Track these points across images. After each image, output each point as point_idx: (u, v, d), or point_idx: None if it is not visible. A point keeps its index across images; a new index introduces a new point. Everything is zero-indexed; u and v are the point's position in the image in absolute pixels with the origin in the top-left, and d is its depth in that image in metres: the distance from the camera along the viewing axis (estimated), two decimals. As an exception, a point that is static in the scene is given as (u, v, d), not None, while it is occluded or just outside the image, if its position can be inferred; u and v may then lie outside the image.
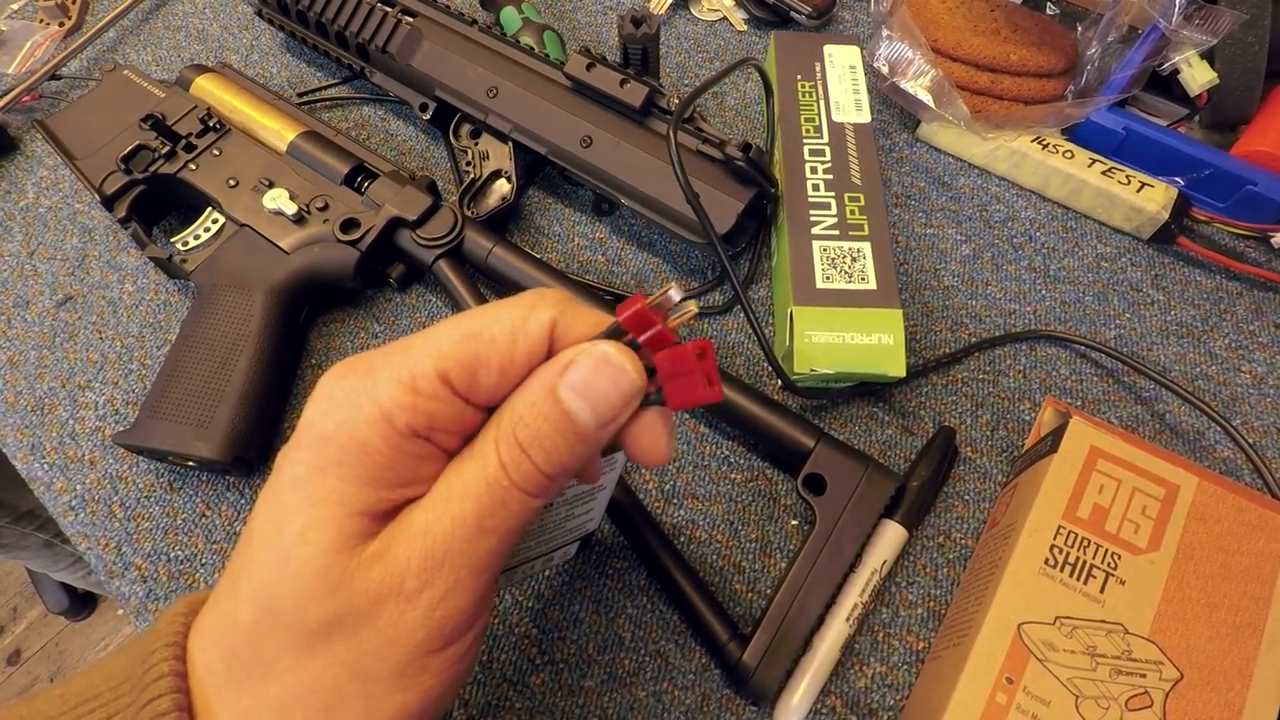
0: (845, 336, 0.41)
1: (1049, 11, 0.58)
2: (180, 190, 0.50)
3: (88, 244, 0.53)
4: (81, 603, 1.54)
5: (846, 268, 0.44)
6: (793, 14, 0.59)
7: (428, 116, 0.53)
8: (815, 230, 0.45)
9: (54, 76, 0.60)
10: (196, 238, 0.48)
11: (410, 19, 0.54)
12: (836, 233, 0.45)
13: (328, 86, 0.60)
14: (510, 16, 0.57)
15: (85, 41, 0.60)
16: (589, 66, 0.48)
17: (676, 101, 0.47)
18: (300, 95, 0.59)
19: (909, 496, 0.40)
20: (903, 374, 0.40)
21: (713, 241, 0.44)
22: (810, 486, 0.39)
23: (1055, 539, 0.32)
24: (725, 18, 0.62)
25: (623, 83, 0.47)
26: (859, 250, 0.44)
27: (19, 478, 0.93)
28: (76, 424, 0.46)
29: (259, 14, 0.60)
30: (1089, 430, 0.35)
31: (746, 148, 0.44)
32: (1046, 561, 0.32)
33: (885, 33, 0.47)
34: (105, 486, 0.44)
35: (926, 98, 0.47)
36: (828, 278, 0.43)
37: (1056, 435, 0.36)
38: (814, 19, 0.59)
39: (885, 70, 0.48)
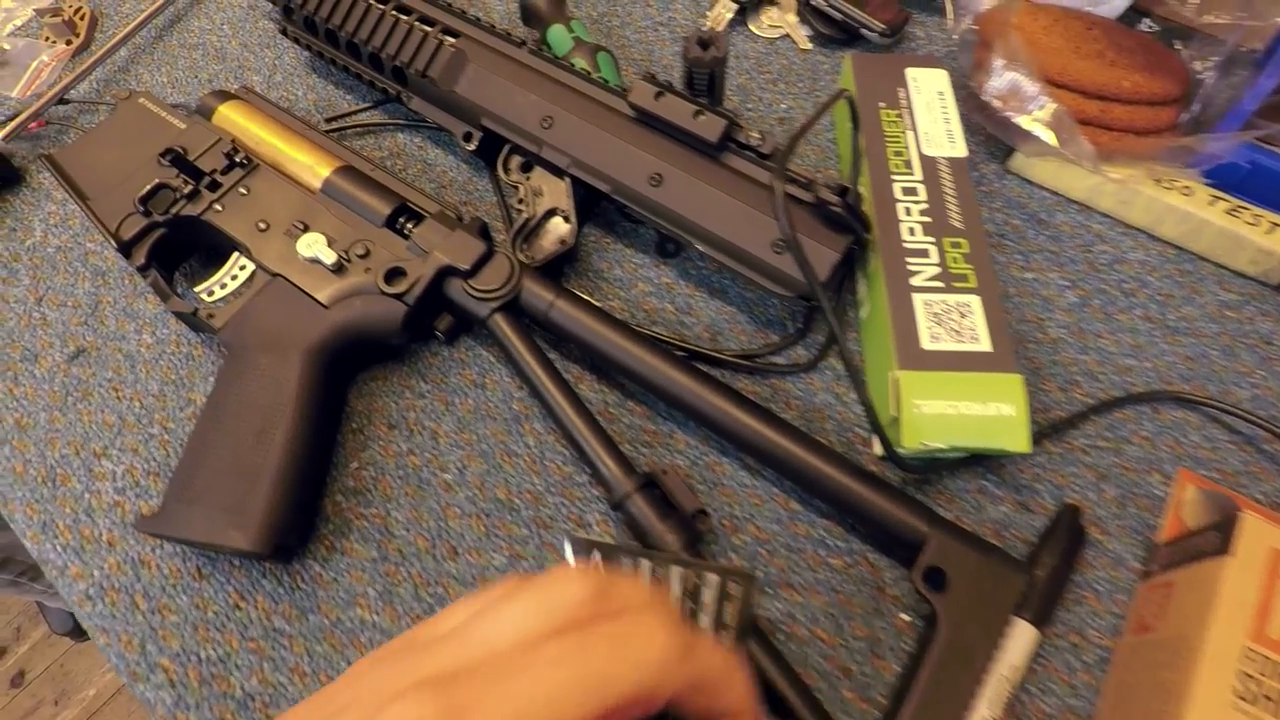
0: (959, 406, 0.37)
1: (1144, 28, 0.53)
2: (204, 233, 0.45)
3: (101, 289, 0.49)
4: (87, 624, 1.49)
5: (955, 325, 0.39)
6: (863, 31, 0.55)
7: (472, 147, 0.49)
8: (915, 281, 0.40)
9: (61, 101, 0.55)
10: (223, 286, 0.44)
11: (452, 39, 0.49)
12: (940, 285, 0.40)
13: (358, 111, 0.55)
14: (559, 35, 0.52)
15: (95, 62, 0.56)
16: (657, 95, 0.43)
17: (756, 136, 0.43)
18: (328, 121, 0.55)
19: (1037, 589, 0.35)
20: (1027, 449, 0.36)
21: (813, 294, 0.39)
22: (930, 581, 0.34)
23: (1244, 665, 0.28)
24: (788, 35, 0.57)
25: (697, 114, 0.42)
26: (966, 305, 0.39)
27: None
28: (92, 498, 0.42)
29: (283, 32, 0.56)
30: (1267, 529, 0.30)
31: (842, 191, 0.39)
32: (1238, 694, 0.27)
33: (998, 62, 0.42)
34: (126, 572, 0.40)
35: (1045, 134, 0.42)
36: (934, 337, 0.39)
37: (1223, 532, 0.31)
38: (886, 37, 0.54)
39: (997, 104, 0.43)
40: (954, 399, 0.37)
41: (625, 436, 0.42)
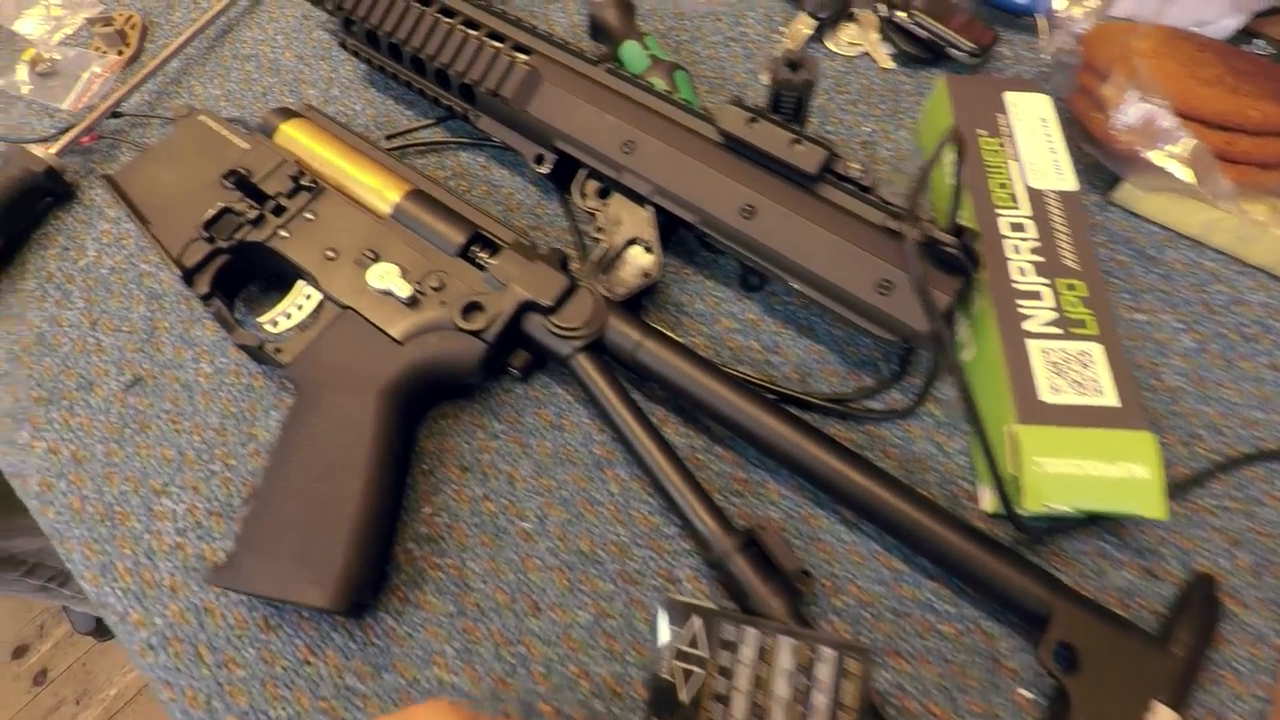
0: (1085, 466, 0.34)
1: (1255, 50, 0.50)
2: (267, 261, 0.43)
3: (156, 313, 0.47)
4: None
5: (1076, 376, 0.36)
6: (950, 51, 0.52)
7: (545, 170, 0.46)
8: (1029, 326, 0.38)
9: (114, 114, 0.53)
10: (287, 316, 0.42)
11: (524, 56, 0.46)
12: (1058, 330, 0.37)
13: (419, 128, 0.53)
14: (634, 53, 0.50)
15: (148, 75, 0.54)
16: (750, 121, 0.41)
17: (856, 168, 0.40)
18: (389, 138, 0.52)
19: (1174, 668, 0.33)
20: (1164, 515, 0.33)
21: (920, 340, 0.36)
22: (1060, 659, 0.32)
23: None
24: (868, 53, 0.54)
25: (794, 143, 0.40)
26: (1087, 354, 0.37)
27: None
28: (153, 539, 0.40)
29: (343, 45, 0.53)
30: None
31: (958, 231, 0.37)
32: None
33: (1127, 91, 0.39)
34: (190, 621, 0.38)
35: (1181, 172, 0.39)
36: (1054, 388, 0.36)
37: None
38: (975, 57, 0.52)
39: (1124, 137, 0.41)
40: (1079, 458, 0.34)
41: (714, 485, 0.40)
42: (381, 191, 0.43)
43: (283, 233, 0.42)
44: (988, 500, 0.38)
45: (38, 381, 0.45)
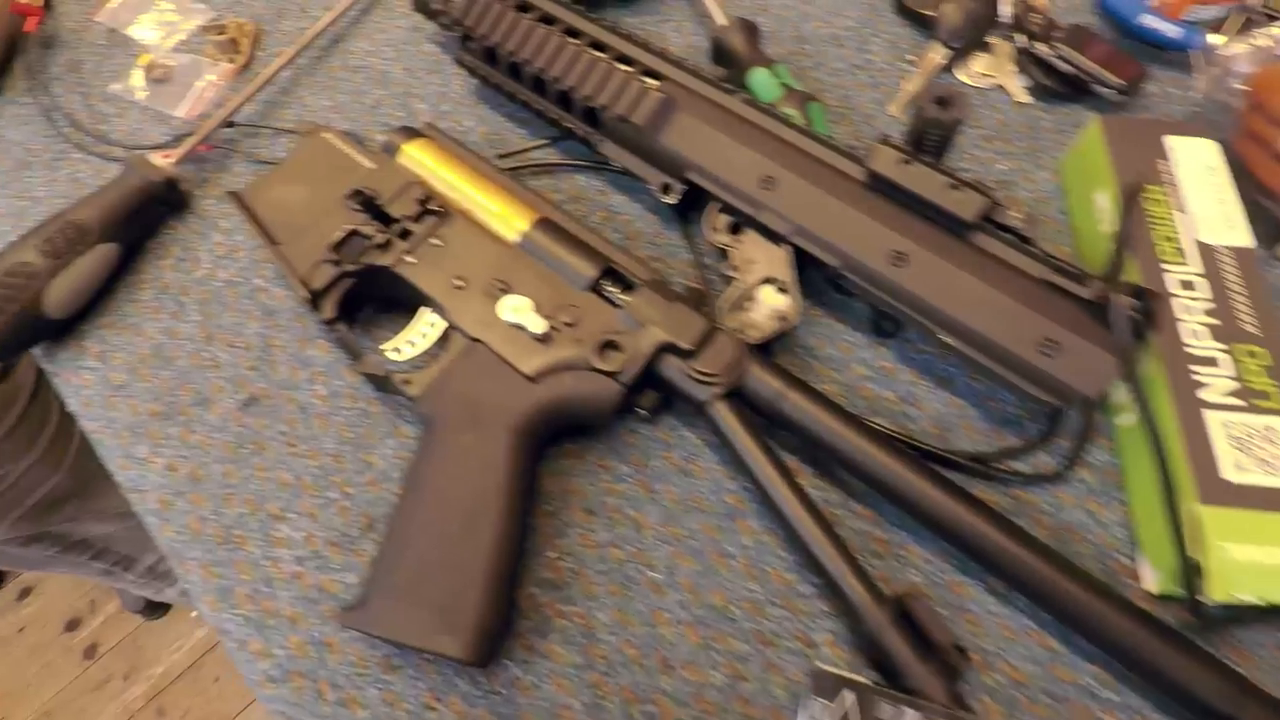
0: (1278, 555, 0.32)
1: None
2: (392, 286, 0.42)
3: (271, 330, 0.46)
4: (157, 603, 1.52)
5: (1262, 453, 0.34)
6: (1094, 87, 0.49)
7: (672, 201, 0.45)
8: (1206, 396, 0.35)
9: (228, 124, 0.53)
10: (412, 344, 0.41)
11: (654, 81, 0.45)
12: (1239, 403, 0.35)
13: (533, 148, 0.52)
14: (764, 81, 0.48)
15: (261, 85, 0.53)
16: (905, 163, 0.39)
17: (1018, 217, 0.38)
18: (501, 157, 0.51)
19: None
20: (1368, 617, 0.31)
21: (1087, 405, 0.34)
22: (1252, 769, 0.30)
23: None
24: (1001, 85, 0.52)
25: (952, 188, 0.38)
26: (1274, 430, 0.34)
27: (65, 504, 0.88)
28: (271, 566, 0.39)
29: (458, 61, 0.52)
30: None
31: (1138, 293, 0.34)
32: None
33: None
34: (310, 655, 0.37)
35: None
36: (1239, 466, 0.33)
37: None
38: (1122, 94, 0.49)
39: None
40: (1272, 545, 0.32)
41: (851, 545, 0.38)
42: (509, 219, 0.42)
43: (409, 258, 0.41)
44: (1151, 579, 0.36)
45: (155, 395, 0.44)
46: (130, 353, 0.46)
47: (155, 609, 1.53)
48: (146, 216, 0.49)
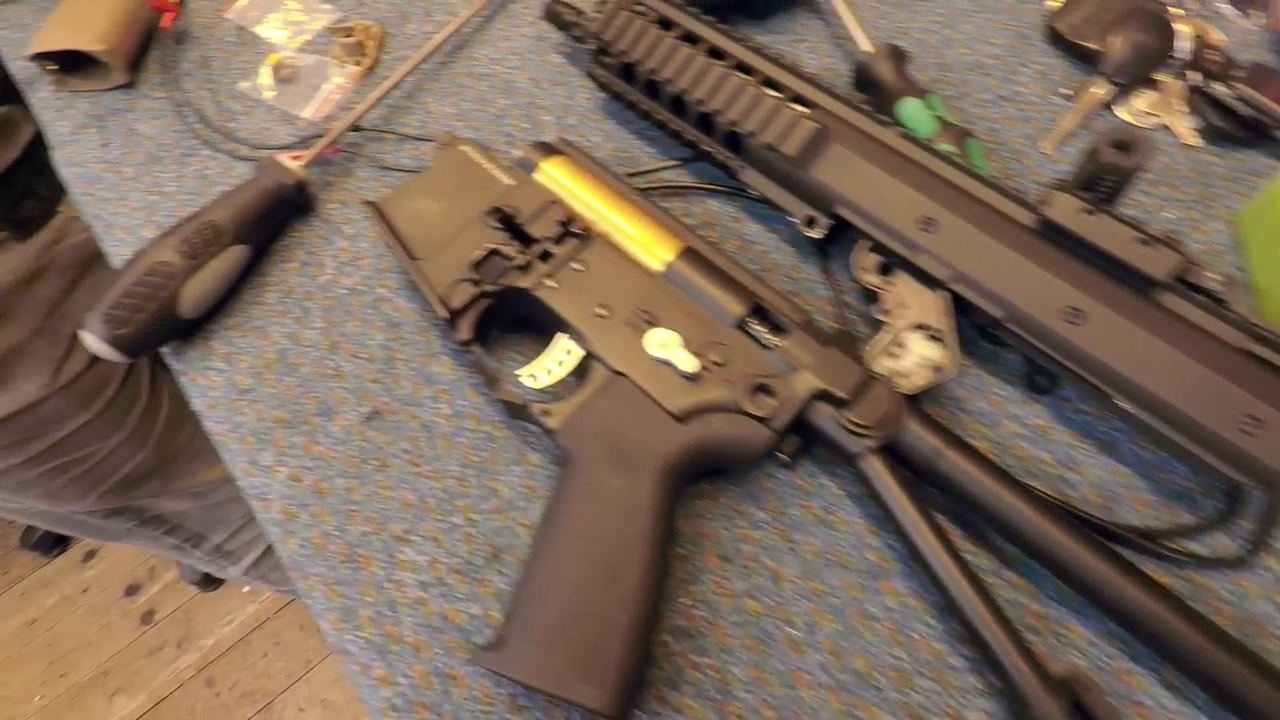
0: None
1: None
2: (529, 309, 0.41)
3: (394, 343, 0.45)
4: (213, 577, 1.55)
5: None
6: (1276, 132, 0.46)
7: (817, 235, 0.43)
8: None
9: (354, 128, 0.52)
10: (548, 372, 0.39)
11: (805, 109, 0.43)
12: None
13: (663, 168, 0.51)
14: (916, 113, 0.45)
15: (388, 89, 0.53)
16: (1088, 213, 0.36)
17: (1216, 278, 0.35)
18: (630, 176, 0.50)
19: None
20: None
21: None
22: None
23: None
24: (1166, 125, 0.49)
25: (1141, 243, 0.35)
26: None
27: (147, 481, 0.90)
28: (395, 590, 0.38)
29: (590, 75, 0.51)
30: None
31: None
32: None
33: None
34: (435, 687, 0.36)
35: None
36: None
37: None
38: (1304, 142, 0.45)
39: None
40: None
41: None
42: (652, 246, 0.41)
43: (550, 282, 0.40)
44: (1349, 685, 0.32)
45: (280, 402, 0.44)
46: (256, 356, 0.46)
47: (210, 582, 1.57)
48: (275, 219, 0.49)
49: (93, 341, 0.43)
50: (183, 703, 1.51)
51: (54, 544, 1.62)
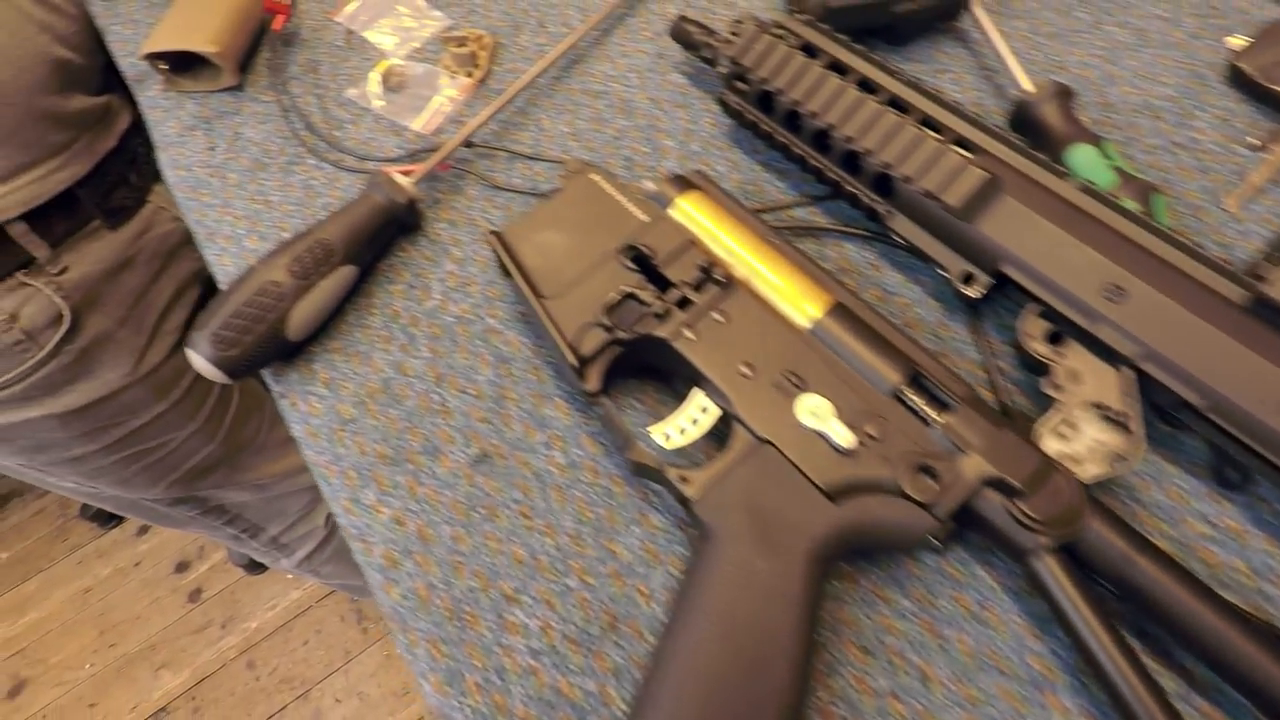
0: None
1: None
2: (665, 360, 0.38)
3: (505, 379, 0.43)
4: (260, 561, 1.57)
5: None
6: None
7: (976, 295, 0.39)
8: None
9: (467, 144, 0.50)
10: (681, 431, 0.36)
11: (969, 154, 0.39)
12: None
13: (794, 204, 0.47)
14: (1090, 162, 0.41)
15: (502, 105, 0.50)
16: (1317, 298, 0.31)
17: None
18: (757, 213, 0.46)
19: None
20: None
21: None
22: None
23: None
24: (1367, 187, 0.43)
25: (1384, 338, 0.30)
26: None
27: (213, 472, 0.89)
28: (504, 655, 0.36)
29: (722, 102, 0.48)
30: None
31: None
32: None
33: None
34: (548, 771, 0.33)
35: None
36: None
37: None
38: None
39: None
40: None
41: (1199, 753, 0.31)
42: (798, 299, 0.37)
43: (688, 332, 0.37)
44: None
45: (383, 436, 0.42)
46: (359, 384, 0.43)
47: (256, 566, 1.58)
48: (384, 238, 0.47)
49: (199, 361, 0.41)
50: (224, 682, 1.53)
51: (110, 516, 1.66)
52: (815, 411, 0.34)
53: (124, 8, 0.61)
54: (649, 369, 0.40)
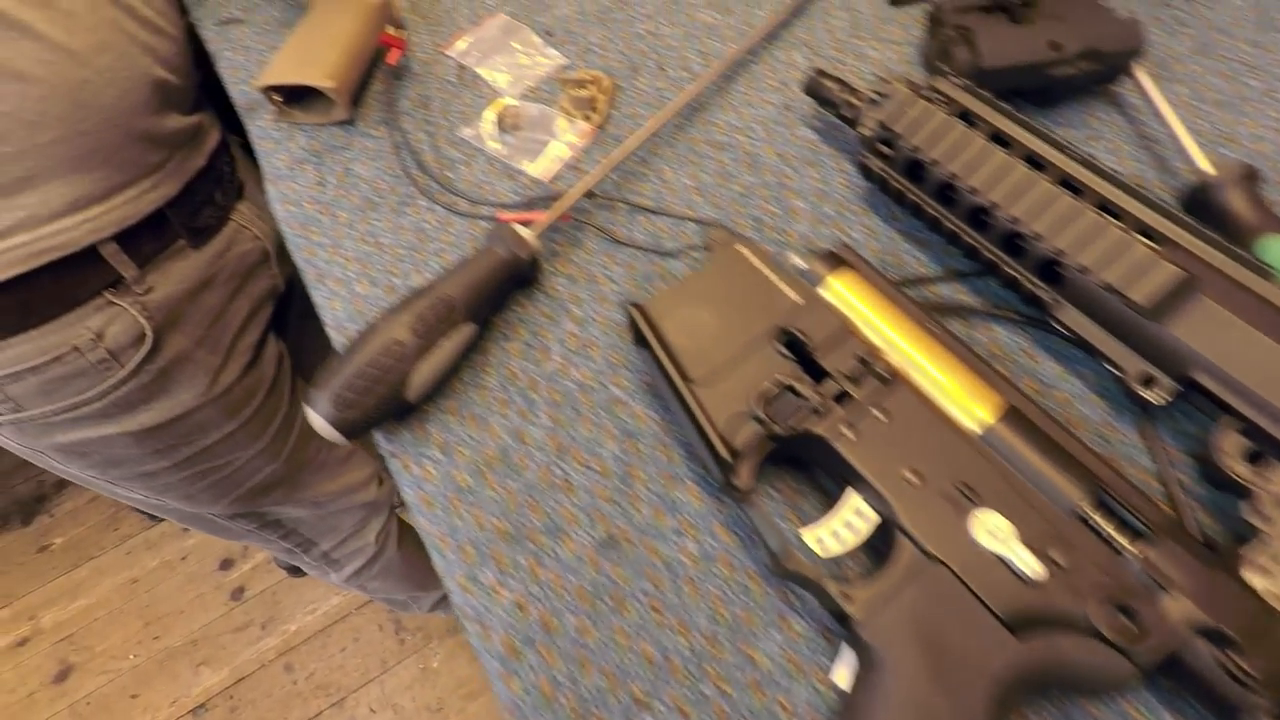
0: None
1: None
2: (815, 455, 0.35)
3: (631, 456, 0.40)
4: (301, 566, 1.57)
5: None
6: None
7: (1158, 400, 0.36)
8: None
9: (588, 194, 0.48)
10: (835, 536, 0.34)
11: (1156, 246, 0.36)
12: None
13: (936, 279, 0.44)
14: (1286, 257, 0.38)
15: (625, 155, 0.48)
16: None
17: None
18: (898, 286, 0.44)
19: None
20: None
21: None
22: None
23: None
24: None
25: None
26: None
27: (275, 490, 0.88)
28: (637, 767, 0.33)
29: (863, 167, 0.45)
30: None
31: None
32: None
33: None
34: None
35: None
36: None
37: None
38: None
39: None
40: None
41: None
42: (966, 400, 0.34)
43: (848, 430, 0.34)
44: None
45: (502, 510, 0.40)
46: (476, 450, 0.41)
47: (298, 570, 1.59)
48: (504, 293, 0.45)
49: (318, 421, 0.39)
50: (261, 684, 1.54)
51: (161, 510, 1.67)
52: (995, 532, 0.31)
53: (236, 33, 0.60)
54: (792, 460, 0.38)
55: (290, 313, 0.84)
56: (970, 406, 0.34)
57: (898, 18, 0.56)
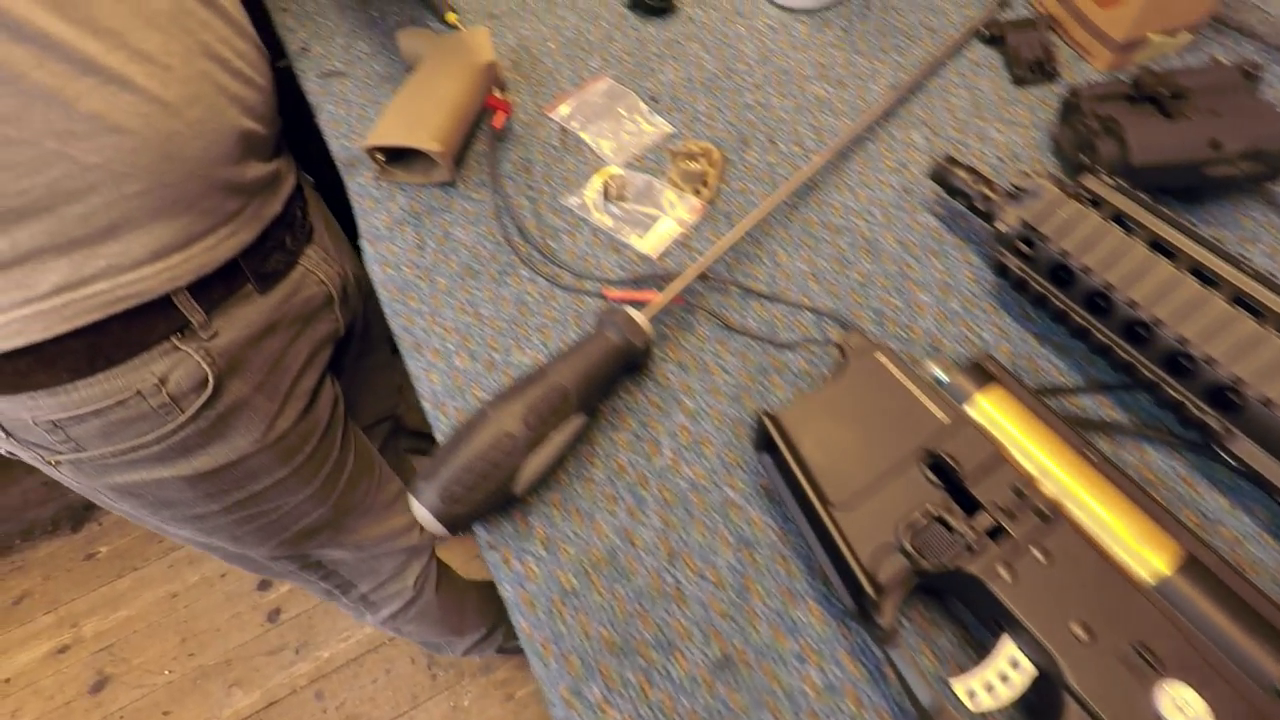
0: None
1: None
2: (966, 594, 0.32)
3: (748, 568, 0.38)
4: (337, 588, 1.56)
5: None
6: None
7: (1350, 554, 0.32)
8: None
9: (701, 276, 0.46)
10: (989, 689, 0.30)
11: (1346, 382, 0.32)
12: None
13: (1077, 390, 0.41)
14: None
15: (738, 236, 0.46)
16: None
17: None
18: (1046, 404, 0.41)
19: None
20: None
21: None
22: None
23: None
24: None
25: None
26: None
27: (320, 533, 0.86)
28: None
29: (999, 266, 0.42)
30: None
31: None
32: None
33: None
34: None
35: None
36: None
37: None
38: None
39: None
40: None
41: None
42: (1136, 545, 0.31)
43: (1004, 571, 0.31)
44: None
45: (609, 618, 0.37)
46: (581, 549, 0.39)
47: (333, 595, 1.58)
48: (614, 380, 0.43)
49: (422, 514, 0.37)
50: (291, 710, 1.52)
51: (204, 526, 1.68)
52: (1186, 708, 0.28)
53: (339, 86, 0.60)
54: (928, 588, 0.35)
55: (346, 355, 0.83)
56: (1142, 552, 0.31)
57: (1022, 98, 0.54)
